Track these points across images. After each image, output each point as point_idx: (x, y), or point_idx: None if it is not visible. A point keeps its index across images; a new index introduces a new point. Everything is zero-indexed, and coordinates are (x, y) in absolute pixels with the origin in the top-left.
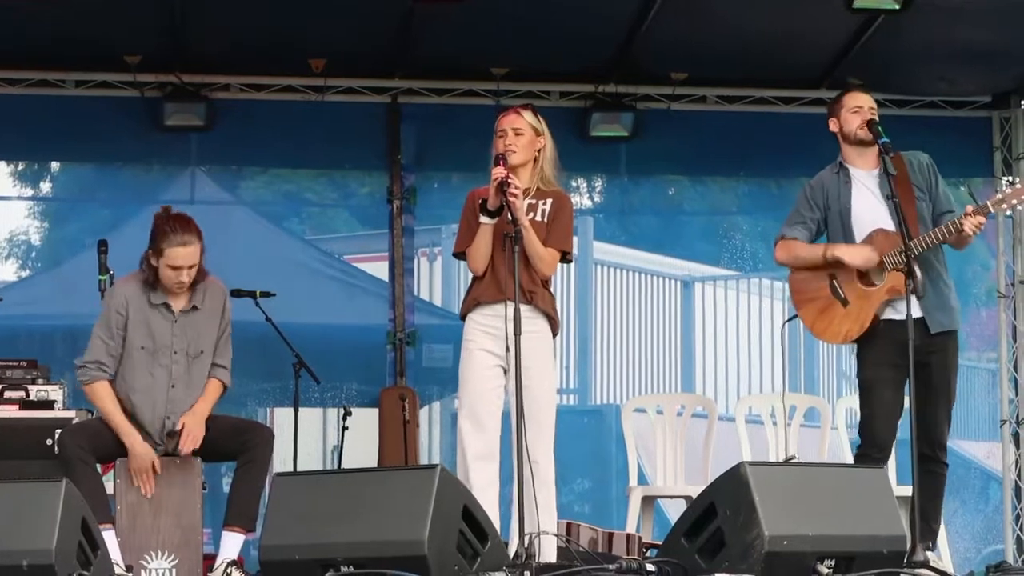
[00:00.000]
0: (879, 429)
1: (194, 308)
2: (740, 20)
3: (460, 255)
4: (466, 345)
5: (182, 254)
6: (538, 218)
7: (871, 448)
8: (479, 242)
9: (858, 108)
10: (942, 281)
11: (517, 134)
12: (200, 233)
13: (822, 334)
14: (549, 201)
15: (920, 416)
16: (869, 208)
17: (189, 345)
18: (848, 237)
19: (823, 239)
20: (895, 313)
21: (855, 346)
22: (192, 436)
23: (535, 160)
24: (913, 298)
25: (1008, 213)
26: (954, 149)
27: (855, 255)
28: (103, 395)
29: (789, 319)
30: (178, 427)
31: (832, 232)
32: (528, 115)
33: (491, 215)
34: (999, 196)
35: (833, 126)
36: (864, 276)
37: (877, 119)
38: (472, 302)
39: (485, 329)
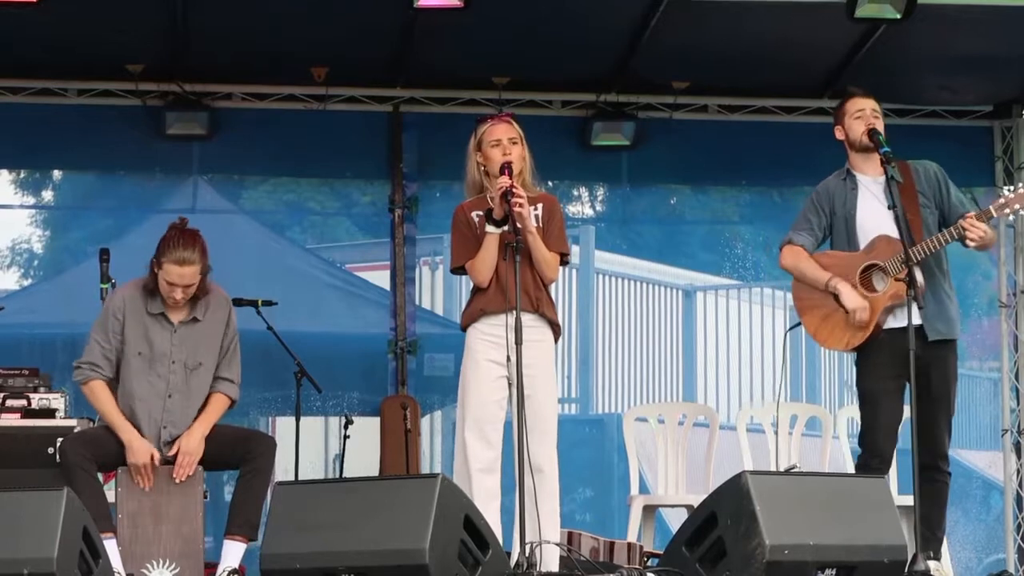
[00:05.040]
0: (882, 440)
1: (194, 320)
2: (742, 29)
3: (459, 270)
4: (471, 356)
5: (177, 273)
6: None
7: (873, 459)
8: (485, 253)
9: (860, 112)
10: (943, 291)
11: (513, 143)
12: (205, 252)
13: (825, 341)
14: (540, 206)
15: (921, 426)
16: (874, 215)
17: (188, 356)
18: (852, 243)
19: (827, 245)
20: (896, 322)
21: (855, 354)
22: (186, 463)
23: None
24: (915, 306)
25: (1011, 218)
26: (955, 158)
27: (853, 301)
28: (99, 393)
29: (792, 327)
30: (173, 450)
31: (836, 237)
32: (515, 124)
33: (497, 224)
34: (1002, 200)
35: (839, 134)
36: (867, 282)
37: (880, 126)
38: (477, 312)
39: (490, 339)
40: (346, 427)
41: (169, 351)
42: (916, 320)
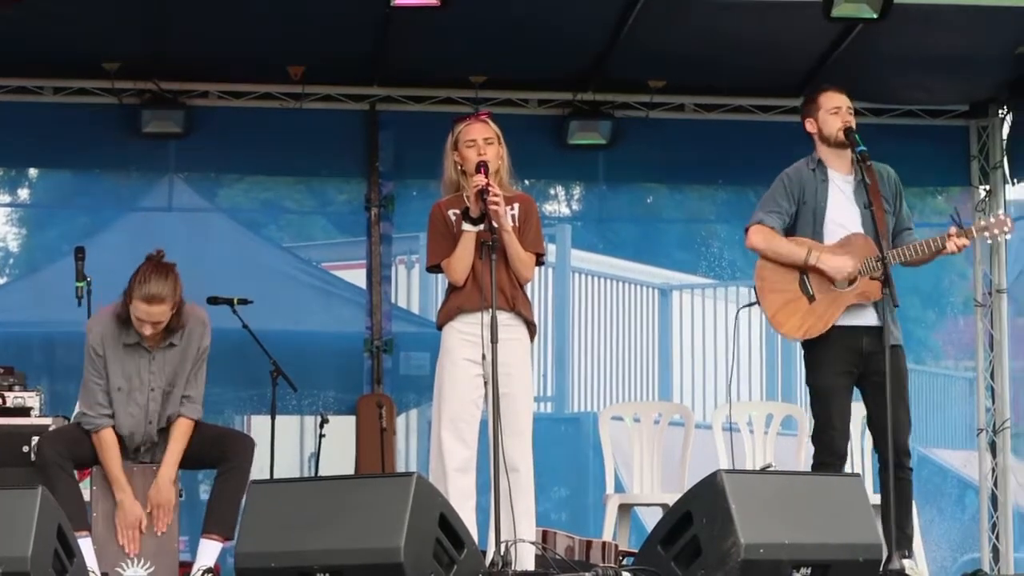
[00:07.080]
0: (838, 438)
1: (171, 345)
2: (718, 28)
3: (435, 268)
4: (448, 354)
5: (145, 311)
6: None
7: (830, 456)
8: (461, 251)
9: (837, 109)
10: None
11: (488, 143)
12: (176, 289)
13: (781, 326)
14: (516, 206)
15: (882, 424)
16: (843, 211)
17: (165, 382)
18: (817, 236)
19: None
20: (849, 320)
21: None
22: (162, 514)
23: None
24: (871, 308)
25: (988, 240)
26: (932, 158)
27: (837, 261)
28: (108, 443)
29: (747, 305)
30: (148, 507)
31: (801, 228)
32: (492, 123)
33: (474, 222)
34: (983, 223)
35: (810, 127)
36: (829, 278)
37: (853, 124)
38: (454, 311)
39: (466, 338)
40: (322, 426)
41: (147, 379)
42: (874, 322)
